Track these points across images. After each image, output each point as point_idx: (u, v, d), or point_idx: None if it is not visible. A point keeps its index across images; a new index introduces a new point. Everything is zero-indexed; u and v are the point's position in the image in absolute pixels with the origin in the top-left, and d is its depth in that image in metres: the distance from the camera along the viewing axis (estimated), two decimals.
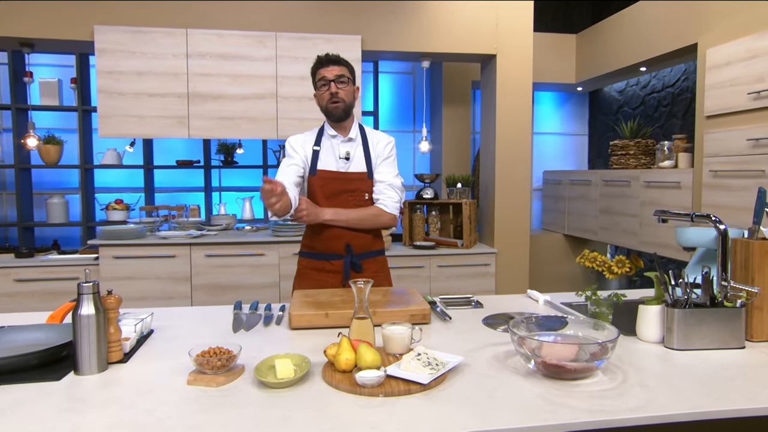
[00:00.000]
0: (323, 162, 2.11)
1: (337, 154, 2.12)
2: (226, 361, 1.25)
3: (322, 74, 2.08)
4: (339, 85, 2.07)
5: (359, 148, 2.15)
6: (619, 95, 5.02)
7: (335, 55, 2.12)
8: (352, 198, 2.10)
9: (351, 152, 2.13)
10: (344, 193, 2.10)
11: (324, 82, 2.07)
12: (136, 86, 3.59)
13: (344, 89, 2.07)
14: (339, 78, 2.07)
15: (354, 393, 1.17)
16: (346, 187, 2.10)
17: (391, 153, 2.19)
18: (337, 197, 2.09)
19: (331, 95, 2.05)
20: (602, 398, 1.14)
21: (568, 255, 4.99)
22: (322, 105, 2.11)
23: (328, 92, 2.06)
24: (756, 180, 2.86)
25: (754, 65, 2.87)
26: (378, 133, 2.23)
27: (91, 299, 1.30)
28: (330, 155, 2.13)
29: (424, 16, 3.81)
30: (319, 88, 2.09)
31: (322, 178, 2.09)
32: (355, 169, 2.12)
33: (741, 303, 1.45)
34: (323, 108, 2.11)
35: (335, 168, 2.11)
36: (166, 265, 3.57)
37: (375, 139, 2.19)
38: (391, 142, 2.21)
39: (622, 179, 4.05)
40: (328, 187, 2.09)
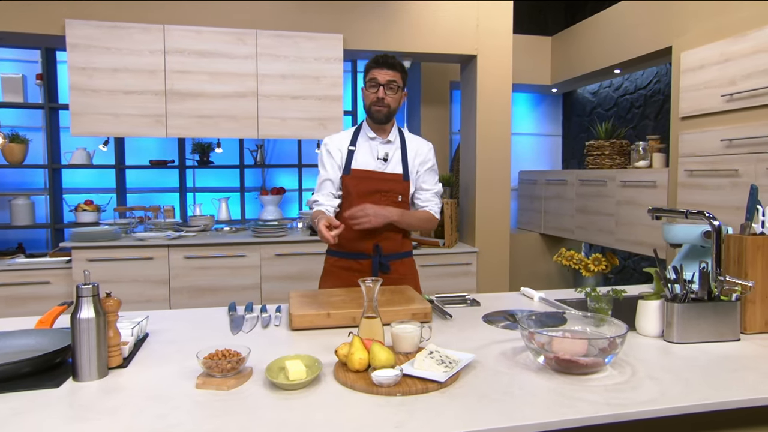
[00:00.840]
0: (359, 161, 2.10)
1: (375, 155, 2.11)
2: (236, 364, 1.21)
3: (374, 75, 2.04)
4: (388, 91, 2.04)
5: (398, 151, 2.13)
6: (592, 97, 5.14)
7: (392, 58, 2.07)
8: (384, 198, 2.08)
9: (390, 154, 2.12)
10: (378, 193, 2.08)
11: (373, 84, 2.04)
12: (111, 83, 3.48)
13: (392, 96, 2.05)
14: (389, 83, 2.04)
15: (371, 393, 1.15)
16: (381, 187, 2.08)
17: (434, 159, 2.21)
18: (371, 197, 2.06)
19: (378, 99, 2.03)
20: (617, 392, 1.15)
21: (544, 254, 5.07)
22: (365, 104, 2.09)
23: (375, 95, 2.04)
24: (730, 179, 2.96)
25: (727, 68, 2.97)
26: (417, 138, 2.22)
27: (90, 302, 1.25)
28: (368, 155, 2.11)
29: (406, 16, 3.82)
30: (368, 88, 2.06)
31: (357, 177, 2.08)
32: (391, 170, 2.11)
33: (736, 297, 1.49)
34: (366, 108, 2.09)
35: (372, 168, 2.10)
36: (143, 267, 3.47)
37: (414, 144, 2.17)
38: (432, 148, 2.22)
39: (599, 179, 4.14)
40: (362, 186, 2.07)
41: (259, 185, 4.78)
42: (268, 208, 4.55)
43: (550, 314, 1.65)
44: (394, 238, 2.12)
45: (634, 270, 4.65)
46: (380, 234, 2.08)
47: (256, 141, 4.52)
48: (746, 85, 2.86)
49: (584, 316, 1.49)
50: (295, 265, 3.64)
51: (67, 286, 3.44)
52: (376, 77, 2.04)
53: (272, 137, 3.73)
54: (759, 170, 2.79)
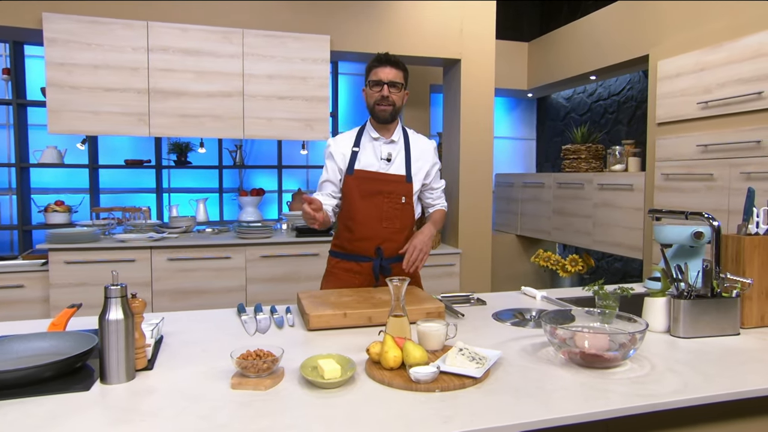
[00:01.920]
0: (362, 162, 2.09)
1: (378, 155, 2.10)
2: (271, 364, 1.21)
3: (377, 74, 2.02)
4: (392, 89, 2.03)
5: (401, 152, 2.13)
6: (566, 102, 5.29)
7: (394, 57, 2.06)
8: (387, 200, 2.07)
9: (393, 154, 2.11)
10: (380, 194, 2.07)
11: (377, 83, 2.03)
12: (91, 80, 3.38)
13: (396, 94, 2.04)
14: (393, 82, 2.02)
15: (409, 389, 1.17)
16: (383, 188, 2.07)
17: (437, 156, 2.23)
18: (373, 198, 2.06)
19: (382, 98, 2.02)
20: (642, 384, 1.21)
21: (520, 255, 5.18)
22: (369, 104, 2.08)
23: (380, 94, 2.02)
24: (705, 183, 3.11)
25: (702, 77, 3.13)
26: (421, 137, 2.22)
27: (119, 303, 1.22)
28: (371, 155, 2.10)
29: (392, 19, 3.85)
30: (371, 87, 2.05)
31: (359, 177, 2.07)
32: (394, 171, 2.10)
33: (736, 293, 1.58)
34: (370, 107, 2.08)
35: (374, 168, 2.09)
36: (125, 269, 3.38)
37: (419, 144, 2.18)
38: (435, 146, 2.23)
39: (576, 182, 4.27)
40: (365, 187, 2.06)
41: (237, 186, 4.73)
42: (248, 210, 4.50)
43: (559, 312, 1.71)
44: (396, 240, 2.11)
45: (607, 270, 4.81)
46: (382, 237, 2.09)
47: (235, 141, 4.47)
48: (721, 94, 3.01)
49: (590, 313, 1.55)
50: (281, 266, 3.62)
51: (43, 290, 3.32)
52: (379, 77, 2.02)
53: (258, 137, 3.69)
54: (733, 175, 2.95)
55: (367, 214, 2.06)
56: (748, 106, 2.86)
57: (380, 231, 2.07)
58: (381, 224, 2.07)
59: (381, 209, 2.06)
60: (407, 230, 2.15)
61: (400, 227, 2.10)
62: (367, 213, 2.06)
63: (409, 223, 2.13)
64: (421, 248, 1.98)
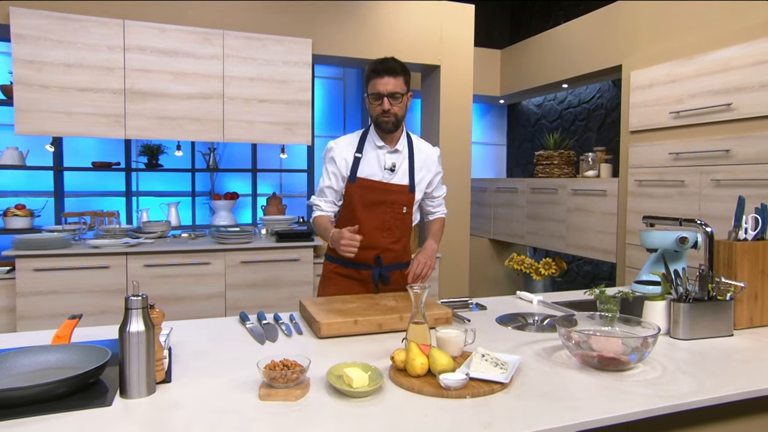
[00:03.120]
0: (364, 170, 2.04)
1: (381, 164, 2.06)
2: (299, 374, 1.19)
3: (376, 87, 1.94)
4: (392, 101, 1.95)
5: (405, 161, 2.09)
6: (536, 109, 5.42)
7: (392, 64, 1.95)
8: (389, 210, 2.05)
9: (397, 164, 2.06)
10: (382, 204, 2.04)
11: (377, 96, 1.96)
12: (63, 79, 3.25)
13: (398, 104, 1.97)
14: (393, 94, 1.94)
15: (440, 396, 1.18)
16: (385, 198, 2.04)
17: (440, 166, 2.21)
18: (375, 207, 2.03)
19: (383, 111, 1.96)
20: (660, 385, 1.26)
21: (493, 258, 5.27)
22: (372, 116, 2.03)
23: (381, 107, 1.96)
24: (677, 189, 3.25)
25: (674, 88, 3.27)
26: (425, 144, 2.18)
27: (140, 315, 1.18)
28: (374, 163, 2.05)
29: (374, 24, 3.86)
30: (372, 101, 1.99)
31: (362, 186, 2.03)
32: (397, 181, 2.06)
33: (730, 296, 1.66)
34: (373, 119, 2.03)
35: (378, 177, 2.04)
36: (99, 276, 3.25)
37: (423, 153, 2.14)
38: (439, 154, 2.20)
39: (550, 187, 4.38)
40: (367, 197, 2.03)
41: (208, 190, 4.63)
42: (221, 214, 4.41)
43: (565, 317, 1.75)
44: (395, 249, 2.10)
45: (577, 273, 4.96)
46: (382, 246, 2.07)
47: (207, 144, 4.37)
48: (692, 104, 3.15)
49: (592, 317, 1.60)
50: (262, 272, 3.56)
51: (8, 299, 3.16)
52: (378, 90, 1.94)
53: (238, 141, 3.63)
54: (703, 181, 3.09)
55: (369, 223, 2.03)
56: (718, 117, 3.01)
57: (381, 240, 2.06)
58: (382, 234, 2.06)
59: (383, 219, 2.05)
60: (405, 238, 2.15)
61: (400, 236, 2.10)
62: (369, 222, 2.03)
63: (407, 231, 2.13)
64: (425, 262, 1.98)
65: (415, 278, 1.95)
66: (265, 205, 4.47)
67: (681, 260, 2.16)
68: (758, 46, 2.81)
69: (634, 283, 2.38)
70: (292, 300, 3.57)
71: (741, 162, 2.89)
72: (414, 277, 1.95)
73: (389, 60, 1.97)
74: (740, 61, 2.90)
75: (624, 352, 1.34)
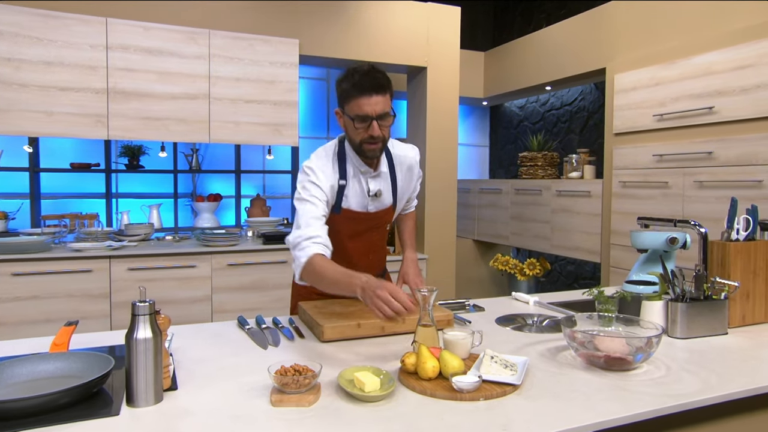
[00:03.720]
0: (349, 199, 1.79)
1: (364, 189, 1.80)
2: (311, 379, 1.18)
3: (362, 108, 1.60)
4: (381, 123, 1.63)
5: (388, 179, 1.85)
6: (519, 111, 5.48)
7: (380, 78, 1.62)
8: (376, 233, 1.92)
9: (382, 188, 1.83)
10: (369, 231, 1.89)
11: (363, 119, 1.62)
12: (43, 78, 3.15)
13: (387, 127, 1.66)
14: (382, 113, 1.62)
15: (454, 399, 1.17)
16: (372, 224, 1.88)
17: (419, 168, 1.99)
18: (362, 235, 1.86)
19: (371, 137, 1.65)
20: (666, 384, 1.28)
21: (477, 259, 5.31)
22: (353, 141, 1.70)
23: (367, 133, 1.64)
24: (661, 190, 3.32)
25: (658, 91, 3.34)
26: (404, 149, 1.91)
27: (147, 321, 1.15)
28: (357, 191, 1.80)
29: (361, 25, 3.85)
30: (355, 123, 1.64)
31: (348, 218, 1.80)
32: (382, 206, 1.86)
33: (725, 296, 1.70)
34: (355, 145, 1.71)
35: (363, 207, 1.82)
36: (80, 280, 3.17)
37: (404, 162, 1.89)
38: (418, 158, 1.96)
39: (534, 188, 4.43)
40: (353, 227, 1.82)
41: (190, 191, 4.55)
42: (204, 216, 4.35)
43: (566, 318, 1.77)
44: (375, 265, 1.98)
45: (560, 273, 5.02)
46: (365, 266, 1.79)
47: (190, 145, 4.30)
48: (675, 108, 3.22)
49: (590, 318, 1.62)
50: (249, 275, 3.52)
51: None
52: (365, 112, 1.61)
53: (225, 142, 3.57)
54: (687, 183, 3.16)
55: (356, 250, 1.88)
56: (701, 120, 3.08)
57: (365, 262, 1.91)
58: (368, 256, 1.94)
59: (370, 243, 1.92)
60: (384, 249, 2.07)
61: (382, 248, 2.03)
62: (356, 250, 1.88)
63: (386, 240, 2.06)
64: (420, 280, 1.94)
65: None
66: (249, 207, 4.42)
67: (670, 260, 2.20)
68: (739, 52, 2.89)
69: (626, 283, 2.41)
70: (280, 303, 3.54)
71: (723, 164, 2.97)
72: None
73: (374, 72, 1.63)
74: (722, 66, 2.97)
75: (630, 352, 1.36)
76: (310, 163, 1.74)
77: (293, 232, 1.64)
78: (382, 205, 1.86)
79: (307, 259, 1.56)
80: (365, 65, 1.65)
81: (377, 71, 1.63)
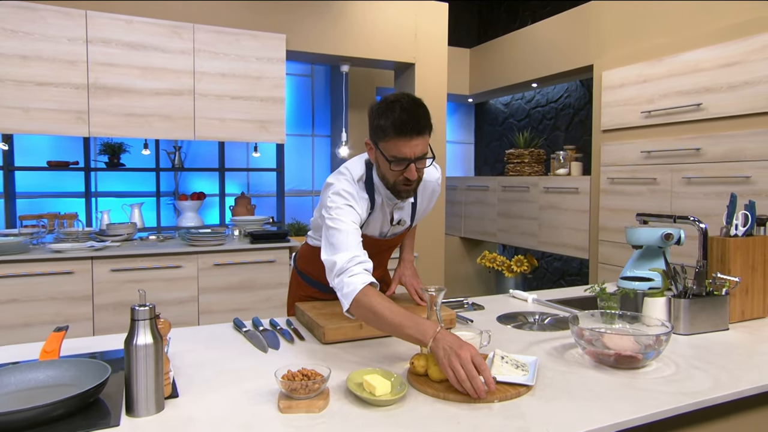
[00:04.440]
0: (370, 227, 1.70)
1: (387, 218, 1.71)
2: (321, 384, 1.13)
3: (401, 151, 1.45)
4: (419, 165, 1.50)
5: (411, 204, 1.75)
6: (504, 108, 5.48)
7: (423, 119, 1.44)
8: (387, 253, 1.88)
9: (404, 216, 1.74)
10: (382, 253, 1.83)
11: (401, 161, 1.46)
12: (19, 72, 3.04)
13: (423, 168, 1.54)
14: (421, 157, 1.48)
15: (467, 401, 1.14)
16: (386, 247, 1.83)
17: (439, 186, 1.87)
18: (375, 257, 1.65)
19: (407, 180, 1.51)
20: (679, 382, 1.26)
21: (463, 256, 5.30)
22: (387, 180, 1.55)
23: (404, 176, 1.49)
24: (648, 186, 3.34)
25: (645, 88, 3.36)
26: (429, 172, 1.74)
27: (147, 326, 1.09)
28: (379, 219, 1.70)
29: (348, 21, 3.80)
30: (392, 165, 1.48)
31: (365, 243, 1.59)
32: (401, 230, 1.79)
33: (726, 291, 1.70)
34: (389, 184, 1.56)
35: (381, 233, 1.75)
36: (62, 283, 3.06)
37: (427, 186, 1.77)
38: (440, 176, 1.85)
39: (522, 185, 4.43)
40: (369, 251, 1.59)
41: (172, 190, 4.45)
42: (187, 215, 4.25)
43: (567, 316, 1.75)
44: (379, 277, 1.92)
45: (547, 270, 5.04)
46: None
47: (172, 142, 4.20)
48: (663, 104, 3.24)
49: (595, 315, 1.60)
50: (236, 275, 3.44)
51: None
52: (404, 153, 1.45)
53: (211, 139, 3.49)
54: (675, 179, 3.19)
55: None
56: (688, 116, 3.11)
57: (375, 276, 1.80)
58: (377, 271, 1.83)
59: (378, 261, 1.82)
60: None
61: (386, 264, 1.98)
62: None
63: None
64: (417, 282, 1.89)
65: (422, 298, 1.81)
66: (233, 206, 4.33)
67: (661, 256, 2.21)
68: (726, 49, 2.91)
69: (621, 279, 2.42)
70: (268, 303, 3.47)
71: (710, 160, 3.00)
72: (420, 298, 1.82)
73: (417, 108, 1.44)
74: (709, 63, 3.00)
75: (640, 350, 1.34)
76: (344, 187, 1.57)
77: (334, 255, 1.44)
78: (400, 229, 1.79)
79: (361, 292, 1.36)
80: (406, 98, 1.46)
81: (420, 106, 1.46)
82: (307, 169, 4.92)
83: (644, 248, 2.35)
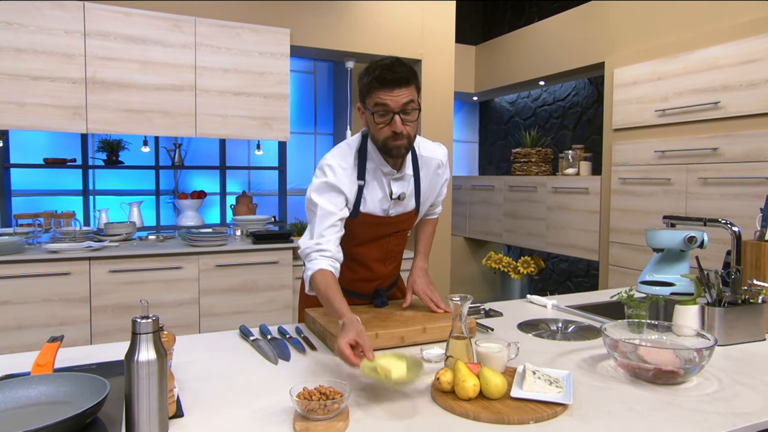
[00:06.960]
0: (368, 203, 1.65)
1: (386, 191, 1.66)
2: (340, 403, 1.04)
3: (384, 101, 1.49)
4: (406, 118, 1.51)
5: (411, 181, 1.71)
6: (510, 106, 5.39)
7: (402, 70, 1.49)
8: (393, 239, 1.77)
9: (405, 191, 1.68)
10: (387, 236, 1.74)
11: (384, 113, 1.50)
12: (14, 66, 2.93)
13: (411, 123, 1.53)
14: (406, 107, 1.50)
15: (501, 423, 1.05)
16: (392, 230, 1.73)
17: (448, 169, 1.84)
18: (378, 240, 1.73)
19: (394, 134, 1.51)
20: (727, 401, 1.17)
21: (468, 257, 5.21)
22: (377, 139, 1.57)
23: (390, 129, 1.51)
24: (662, 187, 3.25)
25: (659, 86, 3.26)
26: (431, 148, 1.75)
27: (150, 340, 0.99)
28: (378, 193, 1.66)
29: (354, 16, 3.70)
30: (376, 118, 1.52)
31: (365, 222, 1.66)
32: (404, 210, 1.72)
33: (762, 299, 1.61)
34: (378, 143, 1.57)
35: (384, 212, 1.68)
36: (58, 284, 2.96)
37: (430, 163, 1.73)
38: (446, 155, 1.81)
39: (529, 185, 4.33)
40: (371, 232, 1.69)
41: (172, 188, 4.34)
42: (187, 214, 4.14)
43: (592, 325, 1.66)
44: (392, 274, 1.90)
45: (553, 271, 4.95)
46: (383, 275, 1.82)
47: (172, 139, 4.09)
48: (678, 103, 3.15)
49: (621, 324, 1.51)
50: (238, 276, 3.34)
51: None
52: (386, 103, 1.49)
53: (212, 136, 3.39)
54: (690, 180, 3.10)
55: (372, 256, 1.77)
56: (705, 115, 3.01)
57: (382, 270, 1.81)
58: (383, 264, 1.81)
59: (387, 249, 1.78)
60: (402, 256, 1.93)
61: (398, 257, 1.89)
62: (372, 256, 1.77)
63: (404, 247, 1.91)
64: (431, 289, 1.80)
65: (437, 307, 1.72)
66: (234, 205, 4.23)
67: (685, 260, 2.12)
68: (745, 45, 2.82)
69: (640, 283, 2.32)
70: (271, 305, 3.38)
71: (729, 160, 2.91)
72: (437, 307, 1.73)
73: (396, 64, 1.50)
74: (727, 60, 2.91)
75: (681, 364, 1.25)
76: (328, 161, 1.61)
77: (305, 240, 1.57)
78: (403, 208, 1.72)
79: (312, 273, 1.51)
80: (388, 58, 1.54)
81: (401, 64, 1.51)
82: (309, 167, 4.81)
83: (665, 251, 2.27)
